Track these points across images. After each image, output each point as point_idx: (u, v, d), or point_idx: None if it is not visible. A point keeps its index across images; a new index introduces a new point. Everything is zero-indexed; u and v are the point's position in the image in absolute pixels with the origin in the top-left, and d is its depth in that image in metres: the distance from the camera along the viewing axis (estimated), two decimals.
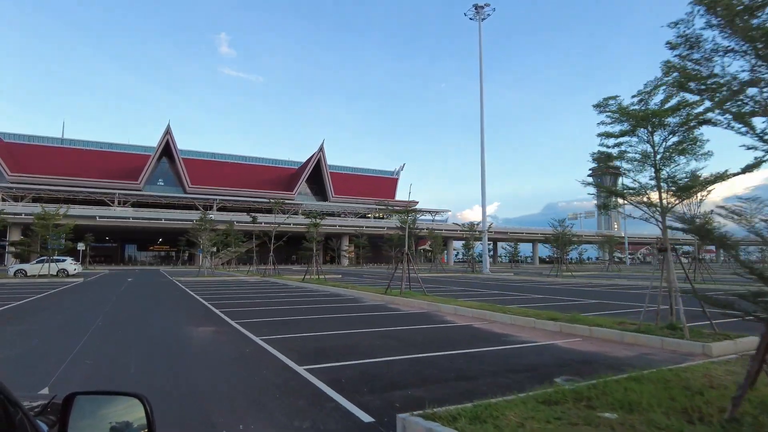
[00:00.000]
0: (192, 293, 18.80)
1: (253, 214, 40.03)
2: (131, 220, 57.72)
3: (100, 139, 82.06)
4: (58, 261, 30.20)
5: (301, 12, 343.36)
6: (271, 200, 40.53)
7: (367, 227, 74.02)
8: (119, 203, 66.27)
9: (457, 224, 62.23)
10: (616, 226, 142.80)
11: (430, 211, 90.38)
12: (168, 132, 72.94)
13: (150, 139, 73.61)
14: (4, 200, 58.76)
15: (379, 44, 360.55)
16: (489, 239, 70.39)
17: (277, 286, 24.06)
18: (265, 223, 40.59)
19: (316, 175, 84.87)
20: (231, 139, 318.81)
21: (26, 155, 72.48)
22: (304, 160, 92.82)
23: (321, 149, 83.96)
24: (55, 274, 29.06)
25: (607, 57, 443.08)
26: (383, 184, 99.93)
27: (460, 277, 36.33)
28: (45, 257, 28.76)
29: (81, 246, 45.49)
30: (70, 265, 30.77)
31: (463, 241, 52.99)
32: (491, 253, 79.81)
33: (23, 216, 49.79)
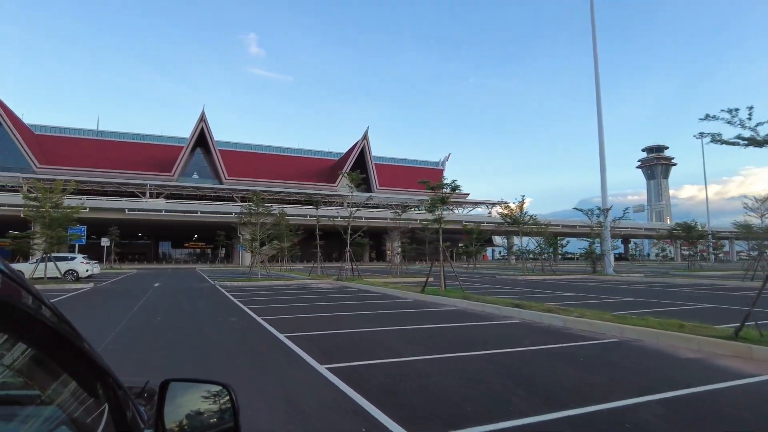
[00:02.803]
0: (270, 328, 10.11)
1: (313, 200, 31.38)
2: (164, 213, 50.14)
3: (134, 132, 75.83)
4: (63, 259, 22.32)
5: (325, 11, 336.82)
6: (314, 192, 32.39)
7: (422, 221, 65.03)
8: (152, 196, 59.12)
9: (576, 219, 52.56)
10: (668, 221, 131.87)
11: (482, 203, 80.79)
12: (202, 119, 65.63)
13: (184, 132, 66.21)
14: (29, 192, 52.04)
15: (409, 42, 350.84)
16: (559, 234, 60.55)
17: (404, 305, 15.34)
18: (342, 217, 33.22)
19: (358, 165, 76.33)
20: (264, 135, 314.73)
21: (57, 147, 66.43)
22: (342, 151, 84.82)
23: (365, 137, 75.56)
24: (61, 276, 21.17)
25: (628, 52, 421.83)
26: (428, 175, 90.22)
27: (584, 279, 27.09)
28: (46, 254, 20.74)
29: (105, 241, 37.99)
30: (81, 264, 22.78)
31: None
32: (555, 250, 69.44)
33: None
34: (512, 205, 30.31)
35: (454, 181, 13.90)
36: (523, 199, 29.72)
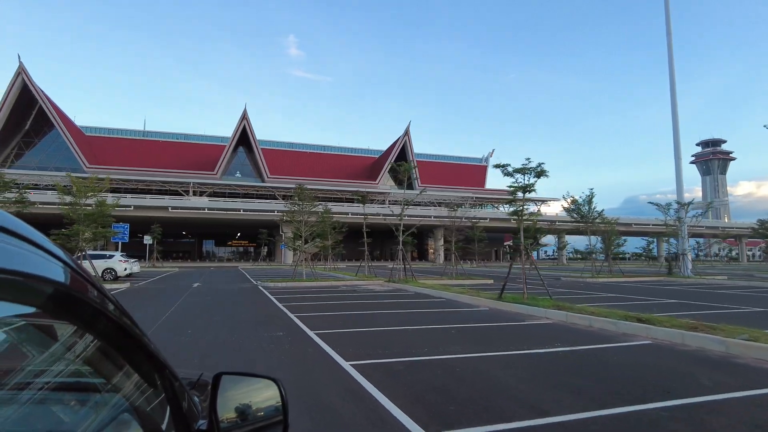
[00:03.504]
0: (330, 351, 7.94)
1: (361, 195, 29.21)
2: (206, 211, 49.53)
3: (177, 132, 76.57)
4: (101, 257, 21.15)
5: (363, 10, 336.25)
6: (354, 190, 30.13)
7: (478, 219, 62.16)
8: (195, 194, 58.96)
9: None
10: (726, 219, 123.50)
11: (536, 200, 76.71)
12: (244, 117, 65.05)
13: (226, 132, 66.03)
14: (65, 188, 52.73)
15: (448, 39, 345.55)
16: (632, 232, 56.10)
17: (474, 315, 12.99)
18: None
19: (399, 162, 73.98)
20: (304, 135, 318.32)
21: (106, 148, 67.67)
22: (382, 149, 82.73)
23: (406, 133, 73.15)
24: (98, 275, 19.95)
25: (680, 41, 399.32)
26: (471, 172, 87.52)
27: (664, 282, 23.83)
28: (81, 252, 19.53)
29: (148, 240, 37.32)
30: (119, 263, 21.55)
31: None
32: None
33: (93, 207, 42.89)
34: (577, 199, 27.14)
35: (540, 165, 11.26)
36: (591, 194, 26.56)
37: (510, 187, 12.17)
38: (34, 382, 0.70)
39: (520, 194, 12.16)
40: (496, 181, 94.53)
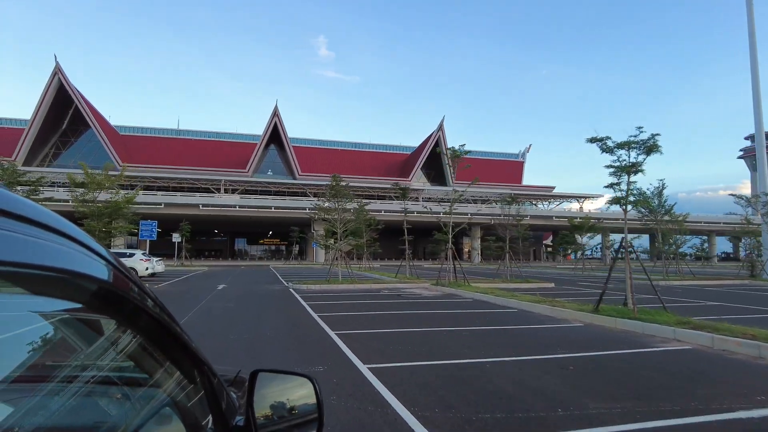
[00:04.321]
0: (378, 385, 5.42)
1: (401, 187, 26.51)
2: (237, 208, 48.03)
3: (210, 130, 76.08)
4: (121, 256, 19.35)
5: (390, 7, 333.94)
6: (387, 187, 27.33)
7: (521, 216, 58.83)
8: (226, 192, 57.79)
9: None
10: None
11: (569, 196, 72.57)
12: (275, 113, 63.63)
13: (258, 131, 65.09)
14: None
15: (478, 36, 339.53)
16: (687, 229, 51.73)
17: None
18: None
19: (433, 158, 71.15)
20: (334, 135, 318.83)
21: (139, 147, 67.62)
22: (414, 145, 79.96)
23: (440, 128, 70.11)
24: None
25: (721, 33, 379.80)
26: (508, 168, 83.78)
27: (751, 286, 20.38)
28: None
29: (176, 237, 35.87)
30: (141, 262, 19.67)
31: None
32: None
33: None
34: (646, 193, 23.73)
35: (653, 137, 8.35)
36: (662, 185, 23.15)
37: (610, 167, 9.30)
38: (81, 375, 0.70)
39: (624, 178, 9.19)
40: (532, 177, 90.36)
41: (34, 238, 0.51)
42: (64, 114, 60.59)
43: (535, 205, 73.22)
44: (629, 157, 9.00)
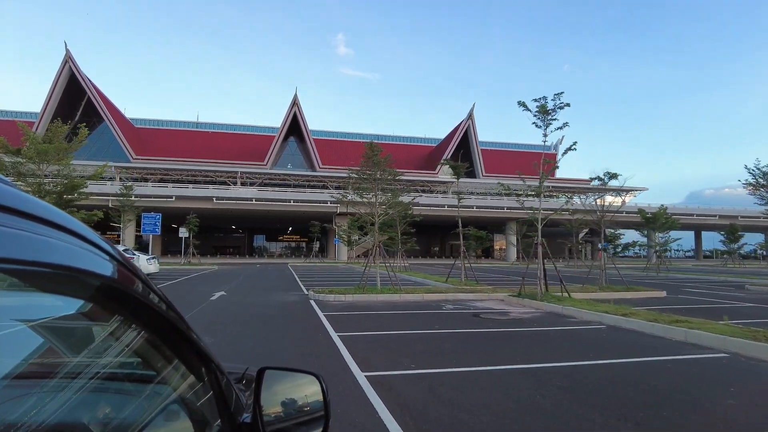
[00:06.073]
0: None
1: (458, 167, 21.60)
2: (254, 201, 43.75)
3: (229, 123, 72.44)
4: None
5: (411, 4, 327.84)
6: (413, 180, 22.09)
7: (565, 210, 53.38)
8: (243, 185, 53.70)
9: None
10: None
11: (608, 190, 66.34)
12: (295, 102, 59.28)
13: (277, 124, 60.75)
14: (120, 181, 48.63)
15: (499, 29, 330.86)
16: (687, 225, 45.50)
17: None
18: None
19: (460, 150, 65.90)
20: (355, 128, 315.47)
21: (154, 139, 64.19)
22: (440, 137, 74.81)
23: (470, 116, 64.95)
24: None
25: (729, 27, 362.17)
26: (539, 160, 77.91)
27: None
28: None
29: (183, 232, 31.64)
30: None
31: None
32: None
33: (135, 197, 38.03)
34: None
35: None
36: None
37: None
38: (88, 372, 0.69)
39: None
40: (567, 170, 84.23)
41: (39, 235, 0.50)
42: (76, 105, 57.41)
43: (570, 198, 67.49)
44: None
